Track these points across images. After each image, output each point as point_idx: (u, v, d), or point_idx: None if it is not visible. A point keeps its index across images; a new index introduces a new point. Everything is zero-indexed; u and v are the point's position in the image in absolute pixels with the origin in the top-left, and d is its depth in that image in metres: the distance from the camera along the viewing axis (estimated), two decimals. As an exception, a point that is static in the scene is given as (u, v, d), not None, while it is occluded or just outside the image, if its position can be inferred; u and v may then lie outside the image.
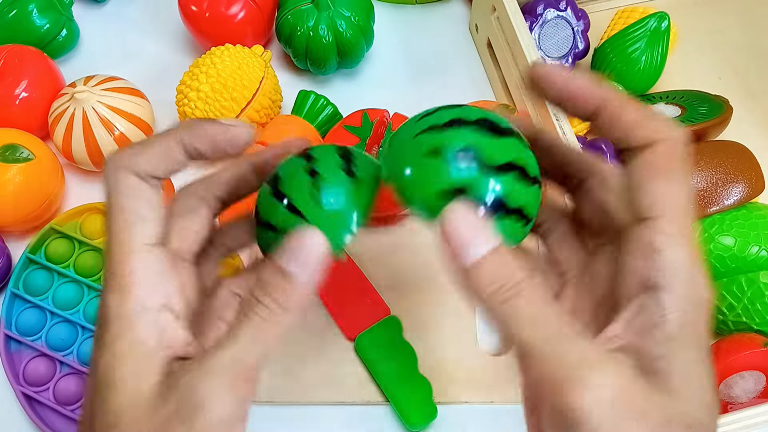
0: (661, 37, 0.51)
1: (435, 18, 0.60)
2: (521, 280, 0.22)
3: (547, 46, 0.53)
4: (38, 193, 0.47)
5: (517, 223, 0.25)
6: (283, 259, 0.24)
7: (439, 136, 0.24)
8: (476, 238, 0.22)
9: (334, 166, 0.26)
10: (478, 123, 0.24)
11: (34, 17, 0.53)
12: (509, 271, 0.22)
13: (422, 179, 0.24)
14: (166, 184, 0.44)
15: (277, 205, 0.26)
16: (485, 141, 0.24)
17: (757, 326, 0.42)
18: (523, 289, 0.22)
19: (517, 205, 0.24)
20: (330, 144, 0.28)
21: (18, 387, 0.44)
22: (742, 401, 0.41)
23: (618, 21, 0.55)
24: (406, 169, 0.24)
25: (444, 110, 0.26)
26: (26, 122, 0.50)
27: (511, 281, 0.22)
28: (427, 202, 0.24)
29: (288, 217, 0.25)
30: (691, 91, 0.53)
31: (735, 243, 0.43)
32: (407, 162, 0.24)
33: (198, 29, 0.54)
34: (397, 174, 0.25)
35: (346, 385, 0.45)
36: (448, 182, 0.23)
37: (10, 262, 0.48)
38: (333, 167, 0.26)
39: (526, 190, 0.24)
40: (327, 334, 0.46)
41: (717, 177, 0.45)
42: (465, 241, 0.22)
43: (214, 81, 0.47)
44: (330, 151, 0.27)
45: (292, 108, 0.52)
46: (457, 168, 0.23)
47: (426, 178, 0.24)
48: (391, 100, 0.54)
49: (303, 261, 0.24)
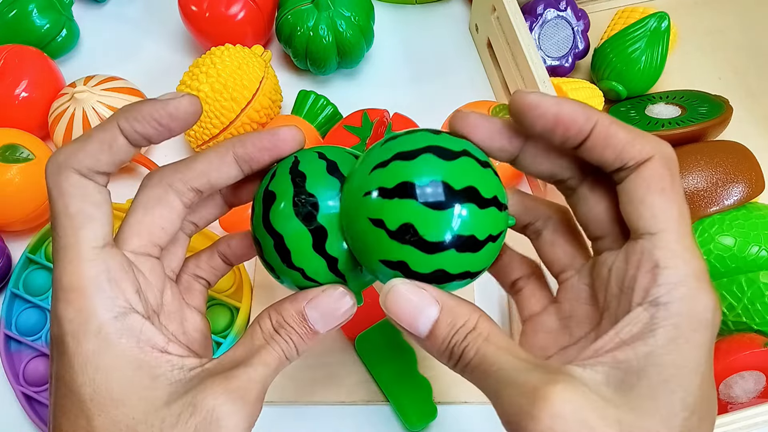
0: (661, 37, 0.51)
1: (435, 18, 0.60)
2: (473, 327, 0.23)
3: (547, 46, 0.53)
4: (38, 193, 0.47)
5: (499, 213, 0.24)
6: (310, 313, 0.26)
7: (383, 203, 0.23)
8: (419, 314, 0.23)
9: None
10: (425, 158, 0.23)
11: (34, 17, 0.53)
12: (461, 322, 0.23)
13: (366, 248, 0.24)
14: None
15: (303, 233, 0.25)
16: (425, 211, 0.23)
17: (757, 326, 0.42)
18: (478, 335, 0.23)
19: (478, 227, 0.23)
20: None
21: (18, 387, 0.44)
22: (742, 401, 0.41)
23: (618, 21, 0.55)
24: (353, 233, 0.24)
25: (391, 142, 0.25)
26: (26, 122, 0.50)
27: (464, 332, 0.23)
28: (371, 266, 0.24)
29: (313, 256, 0.25)
30: (691, 91, 0.53)
31: (735, 243, 0.43)
32: (354, 225, 0.24)
33: (198, 29, 0.54)
34: (347, 234, 0.25)
35: (346, 385, 0.45)
36: (389, 256, 0.23)
37: (10, 262, 0.48)
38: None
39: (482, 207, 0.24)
40: (327, 334, 0.46)
41: (717, 177, 0.45)
42: (410, 320, 0.24)
43: (214, 81, 0.47)
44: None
45: (292, 108, 0.52)
46: (398, 244, 0.23)
47: (370, 248, 0.24)
48: (391, 100, 0.54)
49: (329, 319, 0.26)
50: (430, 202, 0.23)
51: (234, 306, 0.47)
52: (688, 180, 0.45)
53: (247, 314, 0.46)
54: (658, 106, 0.51)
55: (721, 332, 0.44)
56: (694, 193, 0.45)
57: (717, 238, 0.44)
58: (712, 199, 0.45)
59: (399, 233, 0.23)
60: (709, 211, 0.45)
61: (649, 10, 0.53)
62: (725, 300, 0.42)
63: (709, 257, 0.44)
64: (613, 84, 0.52)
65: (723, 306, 0.43)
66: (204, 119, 0.47)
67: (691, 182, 0.45)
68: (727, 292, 0.42)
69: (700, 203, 0.45)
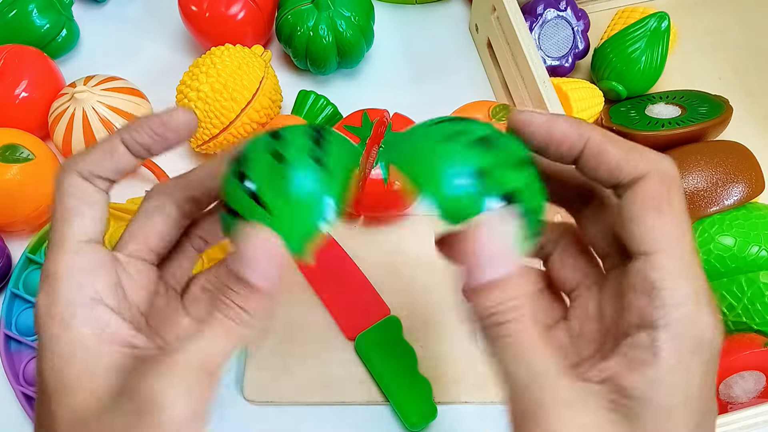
0: (661, 37, 0.51)
1: (435, 18, 0.60)
2: (522, 311, 0.22)
3: (547, 46, 0.53)
4: (38, 193, 0.47)
5: (536, 215, 0.24)
6: (237, 264, 0.23)
7: (456, 125, 0.24)
8: (499, 259, 0.22)
9: (302, 151, 0.24)
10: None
11: (34, 17, 0.53)
12: (514, 297, 0.22)
13: (438, 162, 0.22)
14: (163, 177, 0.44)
15: (238, 188, 0.24)
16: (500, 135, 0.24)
17: (757, 326, 0.42)
18: (521, 317, 0.22)
19: (534, 200, 0.23)
20: (303, 124, 0.26)
21: (18, 387, 0.44)
22: (742, 401, 0.41)
23: (618, 21, 0.55)
24: (421, 154, 0.23)
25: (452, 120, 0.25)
26: (26, 122, 0.50)
27: (511, 309, 0.21)
28: (441, 190, 0.22)
29: (248, 204, 0.23)
30: (691, 91, 0.53)
31: (735, 243, 0.43)
32: (423, 147, 0.23)
33: (198, 29, 0.54)
34: (411, 160, 0.23)
35: (346, 385, 0.45)
36: (467, 165, 0.22)
37: (10, 262, 0.48)
38: (301, 152, 0.24)
39: (538, 182, 0.24)
40: (327, 334, 0.46)
41: (717, 177, 0.45)
42: (486, 260, 0.21)
43: (214, 81, 0.47)
44: (300, 133, 0.25)
45: (292, 108, 0.52)
46: (478, 153, 0.23)
47: (442, 161, 0.22)
48: (391, 100, 0.54)
49: (257, 266, 0.23)
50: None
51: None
52: (688, 180, 0.45)
53: (247, 314, 0.46)
54: (658, 106, 0.51)
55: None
56: (694, 193, 0.45)
57: (717, 238, 0.44)
58: (712, 199, 0.45)
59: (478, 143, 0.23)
60: (709, 211, 0.45)
61: (649, 10, 0.53)
62: (725, 300, 0.42)
63: (709, 257, 0.44)
64: (613, 84, 0.52)
65: (723, 306, 0.43)
66: (204, 119, 0.47)
67: (691, 182, 0.45)
68: (727, 292, 0.42)
69: (700, 203, 0.45)
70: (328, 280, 0.48)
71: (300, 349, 0.46)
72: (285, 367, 0.45)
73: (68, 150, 0.49)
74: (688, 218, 0.23)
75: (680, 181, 0.23)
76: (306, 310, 0.47)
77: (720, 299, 0.43)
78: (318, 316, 0.47)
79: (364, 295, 0.47)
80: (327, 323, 0.46)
